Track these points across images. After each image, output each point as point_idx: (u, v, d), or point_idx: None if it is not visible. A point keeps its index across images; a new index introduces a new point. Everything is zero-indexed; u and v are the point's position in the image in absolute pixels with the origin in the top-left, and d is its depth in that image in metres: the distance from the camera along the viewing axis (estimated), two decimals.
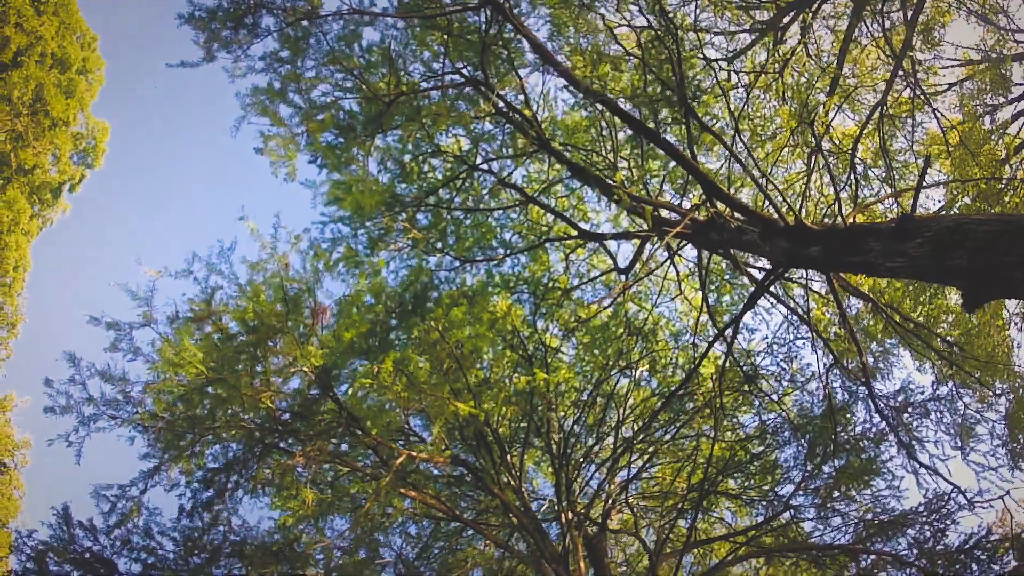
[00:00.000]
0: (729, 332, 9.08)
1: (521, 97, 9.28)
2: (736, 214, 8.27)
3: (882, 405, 9.28)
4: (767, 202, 8.09)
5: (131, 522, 8.06)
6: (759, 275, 9.74)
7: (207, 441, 7.35)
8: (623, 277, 9.81)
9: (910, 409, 9.92)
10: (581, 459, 10.52)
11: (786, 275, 10.32)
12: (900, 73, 9.20)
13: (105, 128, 20.17)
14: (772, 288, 9.99)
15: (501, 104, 9.12)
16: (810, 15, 9.24)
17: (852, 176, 9.27)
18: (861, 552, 9.37)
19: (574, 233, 9.68)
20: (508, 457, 9.98)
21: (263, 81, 7.81)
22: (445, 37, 8.84)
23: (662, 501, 10.89)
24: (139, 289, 7.14)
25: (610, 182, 8.73)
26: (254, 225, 7.14)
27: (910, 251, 6.44)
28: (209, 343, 7.11)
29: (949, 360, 8.25)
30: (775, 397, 10.13)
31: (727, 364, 9.20)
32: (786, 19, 9.46)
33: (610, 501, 10.74)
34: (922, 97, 9.26)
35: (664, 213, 8.99)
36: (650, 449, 10.72)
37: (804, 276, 10.19)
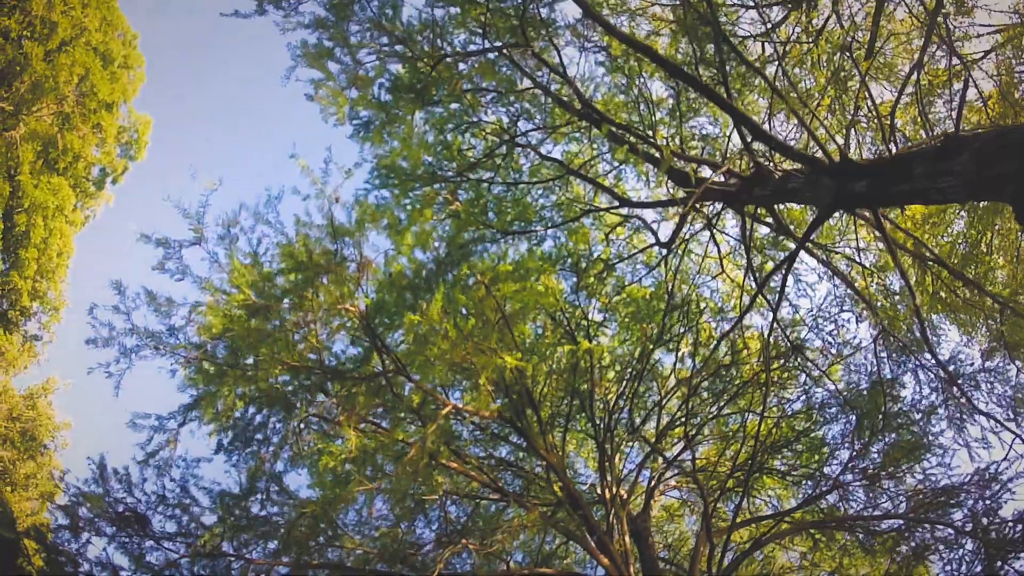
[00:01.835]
0: (775, 299, 9.00)
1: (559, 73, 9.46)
2: (779, 159, 8.27)
3: (940, 369, 9.10)
4: (811, 141, 8.10)
5: (167, 475, 8.02)
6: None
7: (248, 379, 7.30)
8: (663, 251, 9.82)
9: (960, 381, 9.73)
10: (624, 435, 10.37)
11: (830, 244, 10.28)
12: (934, 41, 9.29)
13: (147, 122, 20.68)
14: (820, 255, 9.92)
15: (541, 73, 9.31)
16: None
17: (893, 146, 9.28)
18: (914, 523, 9.10)
19: (615, 204, 9.74)
20: (550, 437, 9.86)
21: (312, 38, 8.05)
22: (483, 18, 9.09)
23: (707, 480, 10.67)
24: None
25: (651, 143, 8.82)
26: (304, 163, 7.25)
27: (957, 168, 6.37)
28: (256, 278, 7.15)
29: (1003, 303, 8.11)
30: (822, 370, 9.97)
31: (772, 331, 9.10)
32: None
33: (654, 480, 10.54)
34: (959, 64, 9.32)
35: (705, 176, 9.02)
36: (693, 432, 10.54)
37: (853, 245, 10.14)
